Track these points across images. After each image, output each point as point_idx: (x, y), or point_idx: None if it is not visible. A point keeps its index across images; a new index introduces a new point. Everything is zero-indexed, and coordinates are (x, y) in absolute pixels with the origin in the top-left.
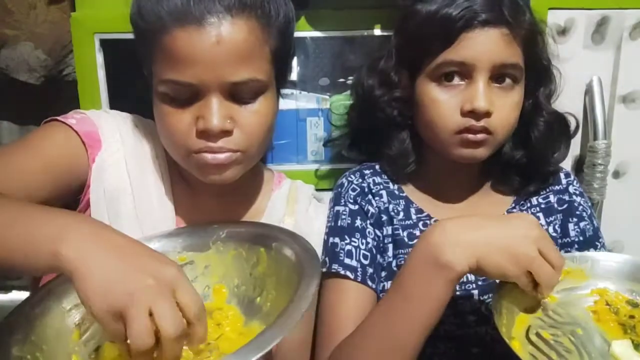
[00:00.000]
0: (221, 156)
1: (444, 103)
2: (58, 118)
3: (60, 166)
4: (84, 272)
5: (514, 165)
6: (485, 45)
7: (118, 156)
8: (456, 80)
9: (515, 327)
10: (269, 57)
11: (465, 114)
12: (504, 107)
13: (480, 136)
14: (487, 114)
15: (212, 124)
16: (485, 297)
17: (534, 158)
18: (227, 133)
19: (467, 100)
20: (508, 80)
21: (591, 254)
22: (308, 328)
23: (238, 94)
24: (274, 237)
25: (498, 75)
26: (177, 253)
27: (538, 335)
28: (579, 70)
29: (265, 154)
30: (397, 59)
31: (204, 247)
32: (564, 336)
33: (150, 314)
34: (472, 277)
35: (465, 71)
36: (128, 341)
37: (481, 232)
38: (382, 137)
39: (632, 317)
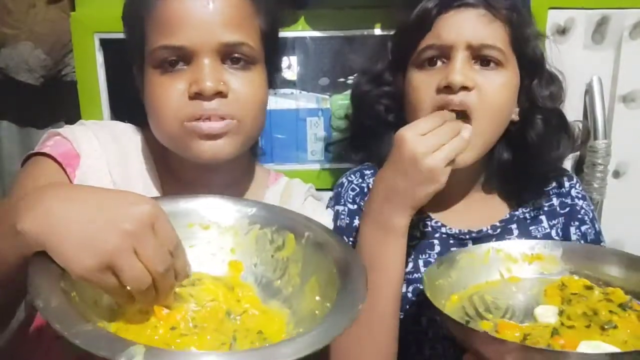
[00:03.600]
0: (216, 125)
1: (423, 84)
2: (34, 152)
3: None
4: (55, 240)
5: (513, 165)
6: (460, 24)
7: (100, 164)
8: (438, 64)
9: (465, 291)
10: (258, 31)
11: (441, 90)
12: (486, 85)
13: (459, 107)
14: (465, 89)
15: (205, 85)
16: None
17: (532, 157)
18: (221, 94)
19: (443, 77)
20: (492, 63)
21: (564, 242)
22: None
23: (230, 57)
24: (306, 226)
25: (480, 56)
26: (201, 218)
27: (480, 297)
28: (579, 70)
29: (260, 147)
30: (391, 58)
31: (229, 220)
32: (503, 300)
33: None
34: None
35: (445, 53)
36: (127, 287)
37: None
38: (378, 137)
39: (575, 294)
